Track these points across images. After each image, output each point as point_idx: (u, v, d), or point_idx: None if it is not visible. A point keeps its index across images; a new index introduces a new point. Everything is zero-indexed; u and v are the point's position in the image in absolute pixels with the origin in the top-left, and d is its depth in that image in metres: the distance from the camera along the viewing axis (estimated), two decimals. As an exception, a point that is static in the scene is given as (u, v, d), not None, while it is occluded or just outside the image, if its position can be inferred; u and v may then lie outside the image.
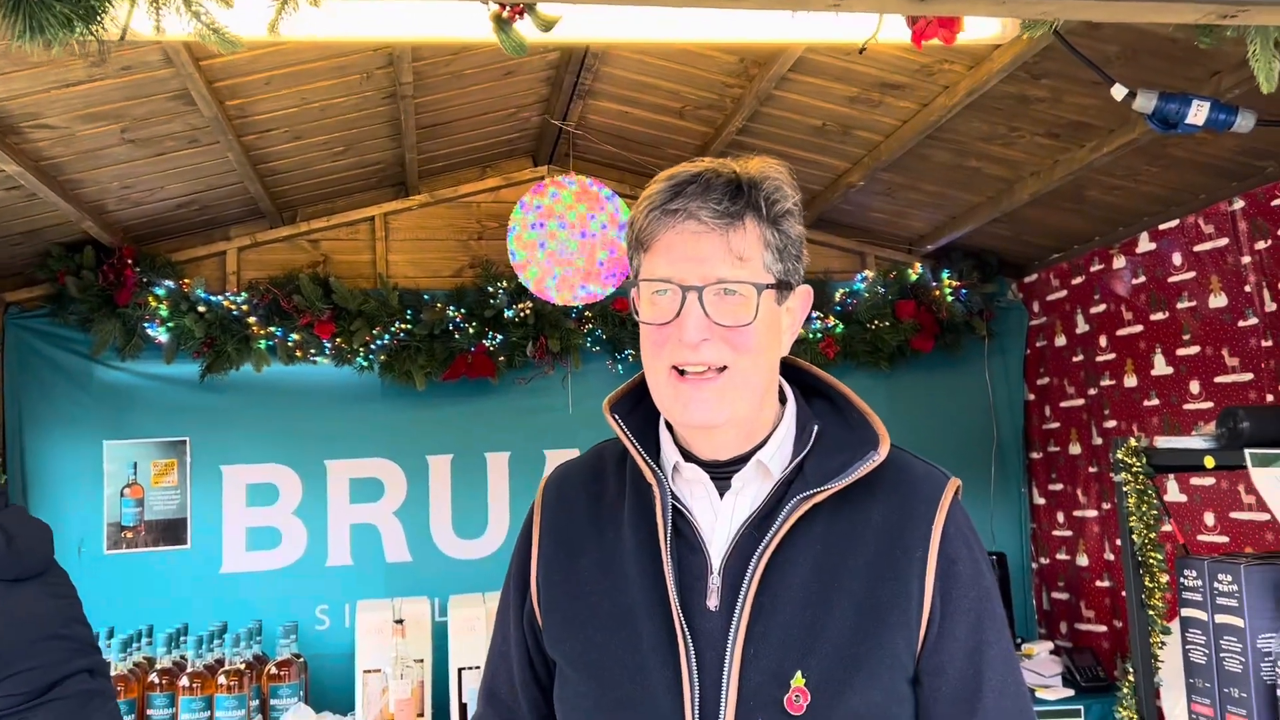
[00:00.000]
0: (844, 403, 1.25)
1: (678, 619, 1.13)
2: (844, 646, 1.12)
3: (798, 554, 1.15)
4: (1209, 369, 2.75)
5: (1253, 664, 1.96)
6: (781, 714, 1.10)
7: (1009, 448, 3.65)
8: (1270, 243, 2.51)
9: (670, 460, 1.21)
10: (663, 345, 1.16)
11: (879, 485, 1.18)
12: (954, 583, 1.16)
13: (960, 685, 1.14)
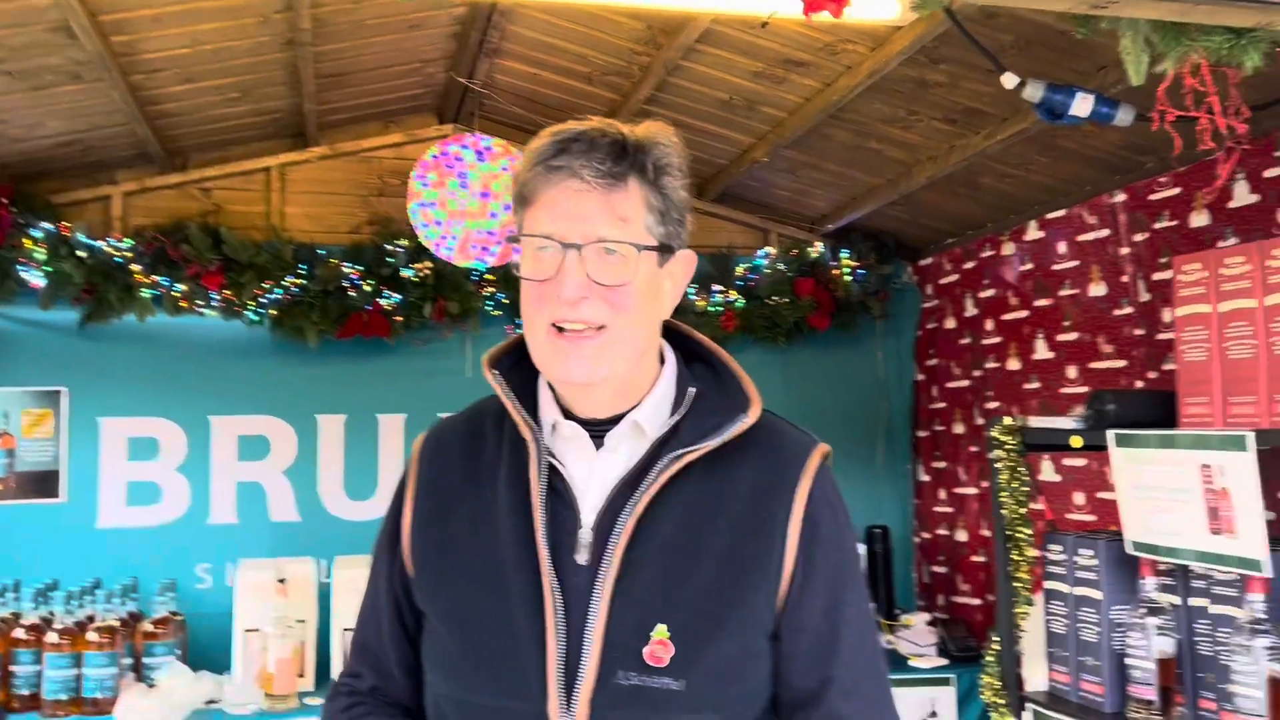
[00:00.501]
0: (722, 367, 1.28)
1: (546, 573, 1.15)
2: (706, 602, 1.15)
3: (667, 512, 1.17)
4: (1086, 355, 2.86)
5: (1106, 634, 2.06)
6: (643, 666, 1.12)
7: (897, 425, 3.75)
8: (1147, 235, 2.62)
9: (549, 418, 1.23)
10: (542, 302, 1.17)
11: (750, 448, 1.21)
12: (816, 544, 1.19)
13: (817, 641, 1.18)
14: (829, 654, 1.18)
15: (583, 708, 1.12)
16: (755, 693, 1.18)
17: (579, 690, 1.12)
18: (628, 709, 1.12)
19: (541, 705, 1.12)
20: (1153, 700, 1.95)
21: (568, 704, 1.12)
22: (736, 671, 1.16)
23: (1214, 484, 1.75)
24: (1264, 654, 1.72)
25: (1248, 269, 1.83)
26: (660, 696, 1.12)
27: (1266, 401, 1.79)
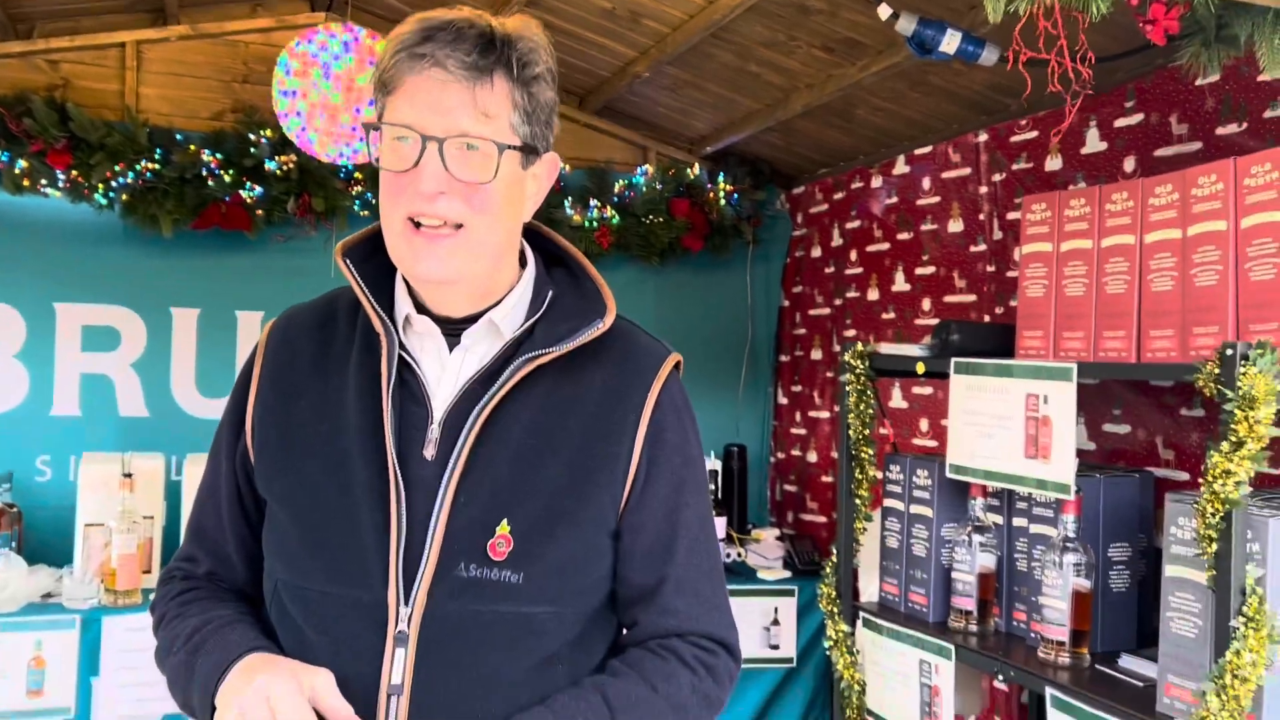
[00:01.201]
0: (581, 272, 1.29)
1: (392, 463, 1.15)
2: (551, 500, 1.17)
3: (518, 412, 1.19)
4: (940, 289, 2.98)
5: (935, 550, 2.19)
6: (484, 559, 1.14)
7: (761, 349, 3.85)
8: (1004, 176, 2.72)
9: (402, 312, 1.22)
10: (399, 194, 1.15)
11: (604, 353, 1.23)
12: (660, 449, 1.23)
13: (656, 541, 1.22)
14: (666, 553, 1.22)
15: (421, 597, 1.14)
16: (593, 588, 1.21)
17: (419, 580, 1.14)
18: (466, 600, 1.14)
19: (381, 594, 1.14)
20: (971, 611, 2.10)
21: (407, 594, 1.14)
22: (575, 567, 1.19)
23: (1037, 412, 1.86)
24: (1071, 570, 1.86)
25: (1087, 211, 1.93)
26: (499, 589, 1.14)
27: (1094, 337, 1.90)
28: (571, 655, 1.20)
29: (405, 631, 1.13)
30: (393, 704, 1.13)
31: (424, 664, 1.13)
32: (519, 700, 1.16)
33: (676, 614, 1.22)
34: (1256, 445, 1.43)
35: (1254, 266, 1.62)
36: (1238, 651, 1.44)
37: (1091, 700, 1.71)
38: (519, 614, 1.15)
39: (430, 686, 1.13)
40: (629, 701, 1.17)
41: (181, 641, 1.20)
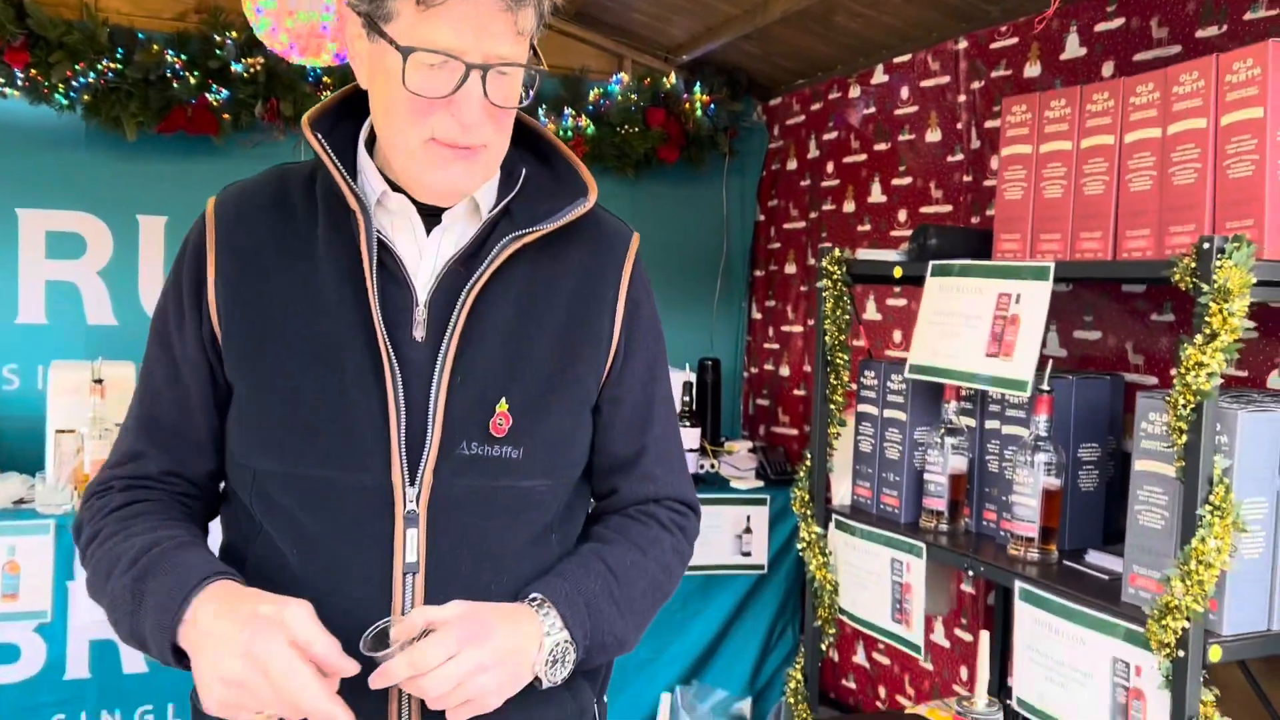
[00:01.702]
0: (550, 150, 1.29)
1: (384, 346, 1.14)
2: (543, 376, 1.20)
3: (503, 291, 1.19)
4: (916, 199, 2.98)
5: (908, 452, 2.22)
6: (486, 436, 1.16)
7: (736, 264, 3.84)
8: (983, 84, 2.70)
9: (376, 190, 1.19)
10: (427, 115, 1.11)
11: (577, 233, 1.24)
12: (637, 325, 1.27)
13: (635, 412, 1.28)
14: (645, 424, 1.29)
15: (428, 477, 1.15)
16: (578, 460, 1.26)
17: (424, 461, 1.15)
18: (471, 477, 1.16)
19: (385, 478, 1.14)
20: (942, 511, 2.13)
21: (413, 476, 1.15)
22: (566, 441, 1.23)
23: (1007, 311, 1.88)
24: (1041, 468, 1.89)
25: (1067, 112, 1.92)
26: (499, 464, 1.17)
27: (1070, 238, 1.91)
28: (562, 526, 1.25)
29: (415, 511, 1.14)
30: (409, 582, 1.15)
31: (435, 541, 1.15)
32: (521, 572, 1.20)
33: (655, 480, 1.30)
34: (1229, 337, 1.45)
35: (1232, 164, 1.63)
36: (1203, 539, 1.48)
37: (1058, 591, 1.76)
38: (519, 488, 1.19)
39: (443, 563, 1.16)
40: (625, 566, 1.23)
41: (126, 565, 1.12)
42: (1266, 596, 1.58)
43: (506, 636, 1.12)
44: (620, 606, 1.22)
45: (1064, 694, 1.75)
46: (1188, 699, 1.51)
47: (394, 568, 1.14)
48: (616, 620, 1.22)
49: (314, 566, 1.15)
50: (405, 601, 1.15)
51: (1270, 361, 1.97)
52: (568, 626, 1.16)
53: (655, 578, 1.26)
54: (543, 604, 1.16)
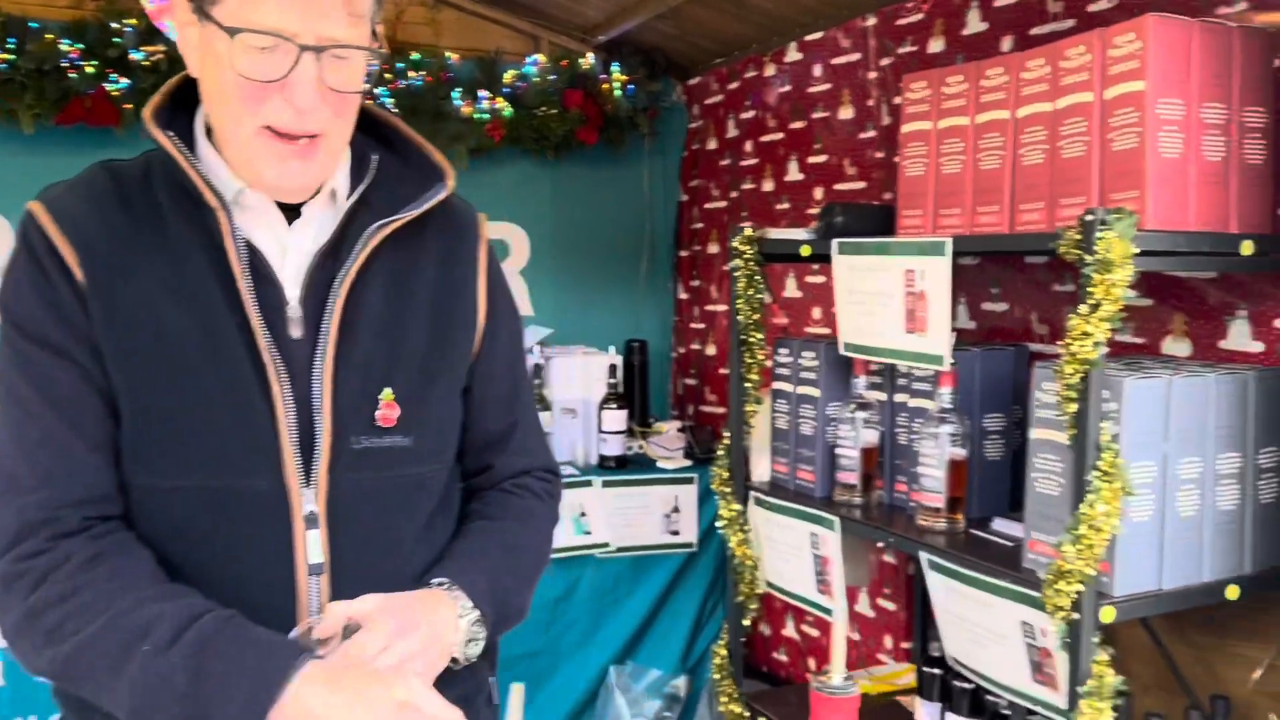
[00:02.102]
0: (396, 136, 1.28)
1: (266, 347, 1.12)
2: (421, 362, 1.21)
3: (371, 281, 1.19)
4: (832, 177, 3.00)
5: (821, 428, 2.25)
6: (374, 428, 1.17)
7: (661, 244, 3.85)
8: (892, 60, 2.73)
9: (232, 187, 1.15)
10: (260, 102, 1.08)
11: (429, 217, 1.25)
12: (498, 300, 1.30)
13: (504, 389, 1.32)
14: (514, 398, 1.33)
15: (323, 476, 1.14)
16: (454, 442, 1.28)
17: (317, 460, 1.14)
18: (365, 470, 1.17)
19: (278, 481, 1.12)
20: (855, 485, 2.17)
21: (307, 477, 1.13)
22: (446, 423, 1.25)
23: (914, 287, 1.91)
24: (947, 440, 1.93)
25: (964, 88, 1.95)
26: (391, 454, 1.18)
27: (970, 213, 1.94)
28: (445, 508, 1.27)
29: (315, 511, 1.13)
30: (313, 583, 1.14)
31: (338, 539, 1.15)
32: (418, 558, 1.22)
33: (528, 453, 1.35)
34: (1112, 307, 1.49)
35: (1117, 137, 1.66)
36: (1093, 504, 1.52)
37: (962, 560, 1.80)
38: (411, 475, 1.20)
39: (347, 560, 1.16)
40: (514, 540, 1.28)
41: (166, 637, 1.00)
42: (1156, 557, 1.63)
43: (429, 623, 1.14)
44: (516, 578, 1.27)
45: (986, 653, 1.79)
46: (1083, 658, 1.55)
47: (296, 571, 1.13)
48: (515, 593, 1.27)
49: (210, 580, 1.11)
50: (311, 603, 1.14)
51: (1164, 328, 2.02)
52: (478, 606, 1.19)
53: (539, 547, 1.33)
54: (451, 586, 1.19)
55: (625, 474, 3.24)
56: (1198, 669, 1.93)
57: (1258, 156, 1.72)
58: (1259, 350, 1.86)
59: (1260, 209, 1.73)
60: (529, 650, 3.09)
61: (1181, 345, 1.99)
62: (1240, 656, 1.88)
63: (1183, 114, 1.64)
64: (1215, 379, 1.65)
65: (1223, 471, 1.67)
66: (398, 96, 3.22)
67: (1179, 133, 1.64)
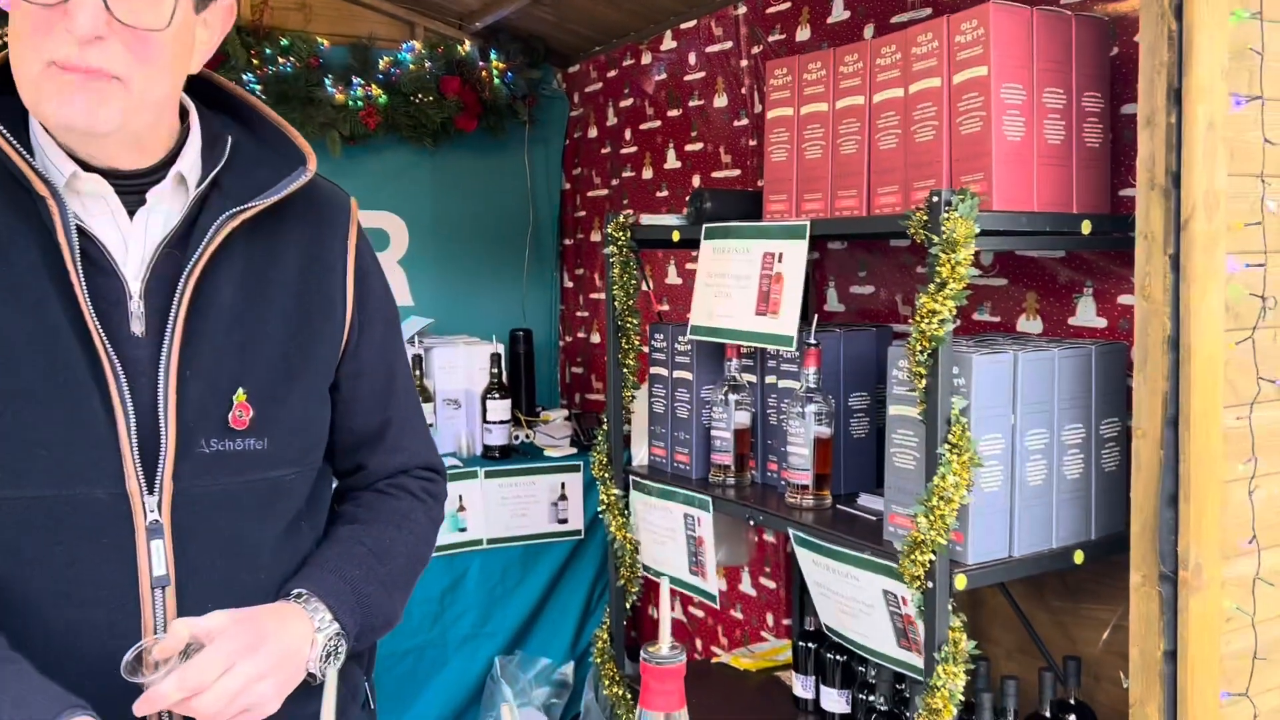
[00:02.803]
0: (253, 116, 1.22)
1: (101, 345, 1.06)
2: (279, 359, 1.14)
3: (223, 273, 1.13)
4: (708, 165, 3.04)
5: (696, 411, 2.28)
6: (226, 430, 1.10)
7: (545, 233, 3.84)
8: (762, 48, 2.77)
9: (64, 170, 1.08)
10: (43, 34, 1.00)
11: (292, 204, 1.18)
12: (368, 293, 1.24)
13: (376, 385, 1.26)
14: (388, 395, 1.27)
15: (167, 482, 1.08)
16: (321, 442, 1.22)
17: (161, 465, 1.07)
18: (215, 475, 1.10)
19: (119, 488, 1.06)
20: (729, 465, 2.20)
21: (150, 483, 1.07)
22: (309, 424, 1.19)
23: (772, 270, 1.94)
24: (812, 418, 1.97)
25: (823, 74, 1.99)
26: (245, 458, 1.12)
27: (830, 197, 1.99)
28: (310, 512, 1.22)
29: (159, 520, 1.07)
30: (158, 597, 1.08)
31: (184, 549, 1.09)
32: (279, 565, 1.16)
33: (404, 451, 1.29)
34: (957, 285, 1.54)
35: (964, 120, 1.72)
36: (944, 476, 1.57)
37: (827, 535, 1.84)
38: (268, 479, 1.14)
39: (195, 570, 1.10)
40: (385, 544, 1.22)
41: None
42: (1006, 526, 1.69)
43: (279, 639, 1.07)
44: (386, 586, 1.21)
45: (857, 622, 1.84)
46: (937, 626, 1.61)
47: (140, 584, 1.08)
48: (384, 601, 1.21)
49: (47, 596, 1.06)
50: (156, 618, 1.09)
51: (1018, 307, 2.11)
52: (337, 618, 1.14)
53: (414, 550, 1.27)
54: (309, 599, 1.13)
55: (509, 464, 3.23)
56: (1055, 632, 2.02)
57: (1096, 140, 1.81)
58: (1103, 326, 1.95)
59: (1099, 190, 1.81)
60: (417, 644, 3.07)
61: (1034, 323, 2.07)
62: (1092, 619, 1.97)
63: (1024, 99, 1.71)
64: (1059, 354, 1.73)
65: (1068, 442, 1.75)
66: (266, 83, 3.14)
67: (1021, 116, 1.70)
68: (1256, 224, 1.46)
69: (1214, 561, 1.43)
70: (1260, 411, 1.48)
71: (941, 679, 1.59)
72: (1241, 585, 1.49)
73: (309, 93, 3.17)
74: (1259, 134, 1.45)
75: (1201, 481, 1.40)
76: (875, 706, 1.98)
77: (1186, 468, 1.40)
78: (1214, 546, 1.43)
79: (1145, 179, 1.41)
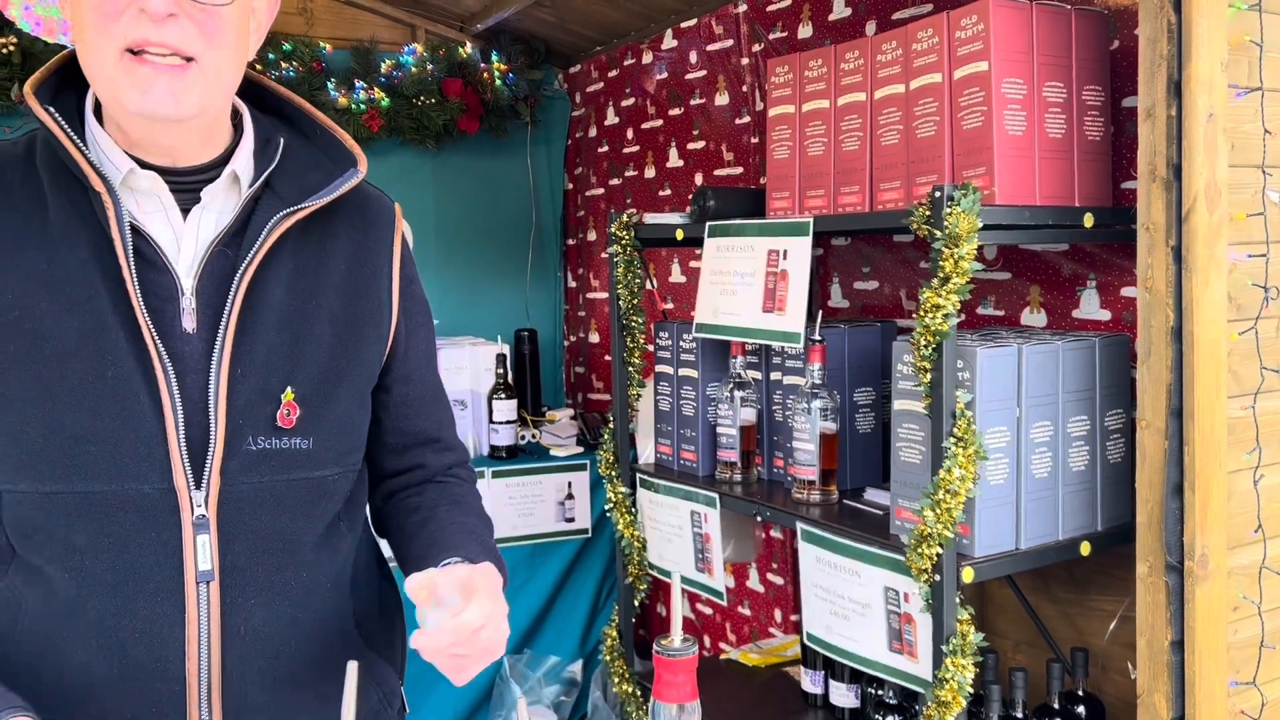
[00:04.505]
0: (303, 118, 1.23)
1: (151, 341, 1.06)
2: (326, 361, 1.15)
3: (274, 273, 1.13)
4: (711, 163, 3.05)
5: (701, 408, 2.28)
6: (273, 429, 1.11)
7: (548, 234, 3.85)
8: (763, 46, 2.78)
9: (121, 167, 1.09)
10: (114, 19, 1.01)
11: (340, 206, 1.19)
12: (413, 299, 1.26)
13: (426, 386, 1.30)
14: (437, 399, 1.31)
15: (214, 478, 1.08)
16: (360, 445, 1.24)
17: (210, 462, 1.08)
18: (261, 473, 1.11)
19: (167, 483, 1.07)
20: (735, 462, 2.21)
21: (198, 478, 1.08)
22: (353, 426, 1.20)
23: (777, 267, 1.95)
24: (817, 414, 1.98)
25: (824, 71, 2.00)
26: (290, 457, 1.13)
27: (833, 194, 2.00)
28: (349, 512, 1.23)
29: (205, 515, 1.08)
30: (203, 591, 1.09)
31: (230, 545, 1.10)
32: (318, 565, 1.17)
33: (455, 449, 1.35)
34: (961, 280, 1.55)
35: (965, 115, 1.73)
36: (949, 469, 1.58)
37: (834, 530, 1.85)
38: (311, 479, 1.15)
39: (239, 566, 1.11)
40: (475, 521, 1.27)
41: None
42: (1013, 518, 1.70)
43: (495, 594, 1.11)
44: (494, 556, 1.24)
45: (847, 625, 1.85)
46: (945, 619, 1.62)
47: (185, 578, 1.09)
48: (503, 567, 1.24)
49: (94, 589, 1.08)
50: (200, 612, 1.09)
51: (1023, 301, 2.11)
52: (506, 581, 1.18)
53: (488, 526, 1.32)
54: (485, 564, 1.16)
55: (516, 463, 3.24)
56: (1062, 624, 2.03)
57: (1097, 133, 1.81)
58: (1107, 318, 1.95)
59: (1100, 183, 1.82)
60: (425, 645, 3.08)
61: (1038, 317, 2.08)
62: (1099, 611, 1.98)
63: (1025, 93, 1.71)
64: (1063, 346, 1.73)
65: (1073, 434, 1.76)
66: (269, 87, 3.14)
67: (1022, 111, 1.71)
68: (1259, 215, 1.47)
69: (1220, 551, 1.44)
70: (1264, 401, 1.49)
71: (950, 672, 1.60)
72: (1248, 574, 1.49)
73: (312, 97, 3.18)
74: (1259, 125, 1.45)
75: (1206, 471, 1.41)
76: (884, 701, 1.99)
77: (1191, 458, 1.41)
78: (1220, 536, 1.43)
79: (1146, 171, 1.42)
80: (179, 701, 1.10)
